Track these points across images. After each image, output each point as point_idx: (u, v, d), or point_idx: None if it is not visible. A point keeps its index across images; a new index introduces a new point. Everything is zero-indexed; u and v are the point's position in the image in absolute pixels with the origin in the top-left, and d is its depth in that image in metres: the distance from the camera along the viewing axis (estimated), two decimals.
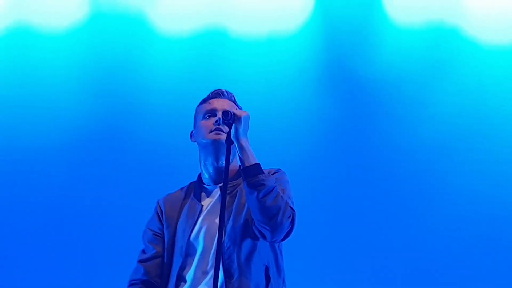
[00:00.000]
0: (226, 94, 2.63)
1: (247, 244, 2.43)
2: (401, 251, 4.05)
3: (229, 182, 2.51)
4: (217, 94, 2.62)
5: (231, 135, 2.40)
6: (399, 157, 4.21)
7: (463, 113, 4.25)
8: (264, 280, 2.43)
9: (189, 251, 2.46)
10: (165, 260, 2.52)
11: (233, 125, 2.39)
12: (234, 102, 2.64)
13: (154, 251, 2.56)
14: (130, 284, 2.56)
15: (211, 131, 2.51)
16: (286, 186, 2.50)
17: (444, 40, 4.42)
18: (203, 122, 2.56)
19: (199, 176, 2.63)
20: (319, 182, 4.20)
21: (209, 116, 2.56)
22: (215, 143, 2.50)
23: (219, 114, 2.51)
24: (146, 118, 4.49)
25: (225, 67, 4.52)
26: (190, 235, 2.47)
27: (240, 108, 2.63)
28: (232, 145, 2.42)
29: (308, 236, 3.73)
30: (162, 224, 2.58)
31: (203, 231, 2.46)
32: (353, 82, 4.41)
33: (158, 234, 2.58)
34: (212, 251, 2.42)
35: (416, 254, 4.04)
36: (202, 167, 2.60)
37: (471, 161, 4.17)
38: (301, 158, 4.20)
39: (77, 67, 4.60)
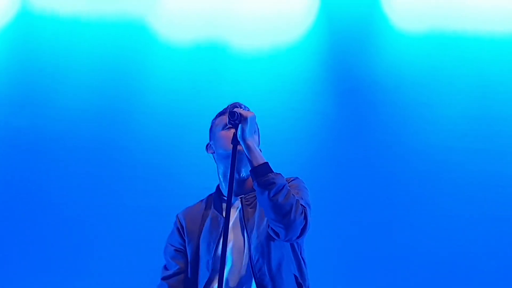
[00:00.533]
0: (244, 107, 2.56)
1: (275, 254, 2.40)
2: (404, 253, 4.03)
3: (248, 194, 2.49)
4: (235, 107, 2.54)
5: (238, 136, 2.37)
6: (404, 160, 4.20)
7: (467, 115, 4.26)
8: None
9: (217, 266, 2.39)
10: (189, 275, 2.48)
11: (239, 125, 2.37)
12: None
13: (177, 267, 2.52)
14: None
15: (230, 130, 2.44)
16: (303, 191, 2.48)
17: (446, 45, 4.43)
18: (224, 132, 2.51)
19: (218, 188, 2.58)
20: (325, 187, 4.18)
21: (230, 128, 2.48)
22: (238, 154, 2.42)
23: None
24: (143, 124, 4.47)
25: (227, 80, 4.51)
26: (215, 249, 2.43)
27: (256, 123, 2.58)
28: (238, 146, 2.39)
29: (318, 238, 3.74)
30: (184, 239, 2.53)
31: (230, 246, 2.41)
32: (357, 89, 4.41)
33: (179, 250, 2.54)
34: (242, 266, 2.39)
35: (419, 255, 4.03)
36: (222, 178, 2.54)
37: (476, 163, 4.17)
38: (307, 165, 4.19)
39: (77, 69, 4.61)
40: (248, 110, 2.54)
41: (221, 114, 2.59)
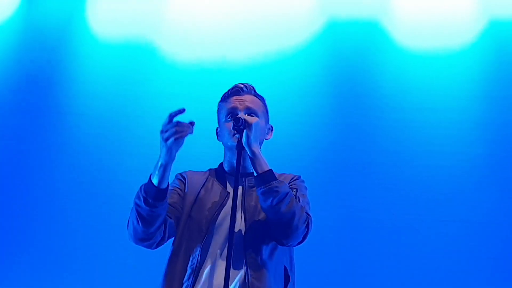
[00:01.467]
0: (245, 89, 2.58)
1: (269, 242, 2.41)
2: (405, 255, 4.06)
3: (252, 176, 2.49)
4: (236, 91, 2.57)
5: (243, 142, 2.38)
6: (407, 165, 4.19)
7: (469, 120, 4.29)
8: (284, 280, 2.43)
9: (213, 231, 2.41)
10: (183, 223, 2.45)
11: (244, 131, 2.38)
12: (255, 94, 2.60)
13: (173, 200, 2.48)
14: None
15: (234, 134, 2.46)
16: (305, 192, 2.51)
17: (443, 60, 4.48)
18: (227, 124, 2.53)
19: (221, 166, 2.61)
20: (327, 191, 4.19)
21: (231, 117, 2.52)
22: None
23: (242, 114, 2.48)
24: (146, 139, 4.44)
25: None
26: (217, 215, 2.42)
27: (262, 99, 2.60)
28: (243, 151, 2.41)
29: (319, 241, 3.76)
30: (184, 186, 2.53)
31: (227, 216, 2.39)
32: (360, 95, 4.44)
33: (178, 191, 2.52)
34: (239, 245, 2.37)
35: (420, 259, 4.03)
36: (228, 161, 2.57)
37: (478, 166, 4.20)
38: (310, 169, 4.19)
39: (79, 82, 4.65)
40: (251, 89, 2.57)
41: (223, 98, 2.60)
